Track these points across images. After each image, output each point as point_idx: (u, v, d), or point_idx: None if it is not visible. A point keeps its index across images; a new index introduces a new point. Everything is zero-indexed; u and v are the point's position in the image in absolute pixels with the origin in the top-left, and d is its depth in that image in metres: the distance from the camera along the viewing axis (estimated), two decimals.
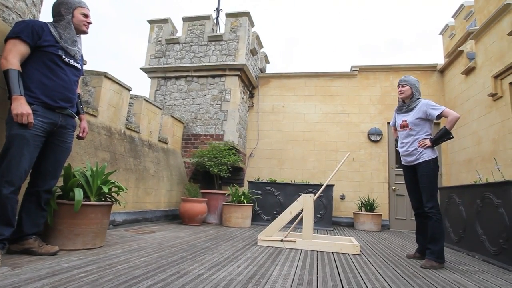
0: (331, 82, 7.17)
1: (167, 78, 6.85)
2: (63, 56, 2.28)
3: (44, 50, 2.18)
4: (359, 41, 33.45)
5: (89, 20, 2.44)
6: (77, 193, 2.37)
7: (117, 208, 3.68)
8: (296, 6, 35.27)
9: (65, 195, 2.50)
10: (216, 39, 6.65)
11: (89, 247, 2.50)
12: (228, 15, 6.70)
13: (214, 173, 5.54)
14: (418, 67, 6.79)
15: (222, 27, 6.99)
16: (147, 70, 6.95)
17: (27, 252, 2.17)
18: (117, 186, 2.80)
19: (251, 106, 7.36)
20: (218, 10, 7.80)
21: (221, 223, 5.36)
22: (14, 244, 2.17)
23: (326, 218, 5.61)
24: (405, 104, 3.10)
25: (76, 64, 2.40)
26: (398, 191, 6.39)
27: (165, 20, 7.10)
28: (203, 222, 5.28)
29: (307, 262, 2.57)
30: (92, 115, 3.79)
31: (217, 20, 7.63)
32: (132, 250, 2.57)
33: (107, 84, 4.05)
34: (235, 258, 2.56)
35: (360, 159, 6.66)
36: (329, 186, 5.65)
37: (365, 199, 6.14)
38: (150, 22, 7.20)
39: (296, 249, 3.21)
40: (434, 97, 6.60)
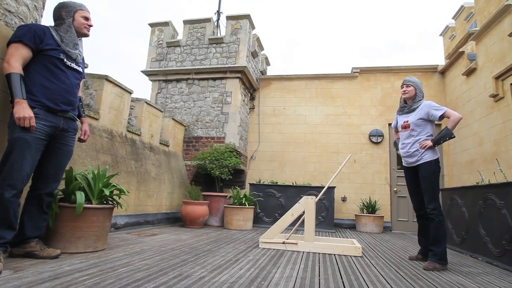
0: (332, 84, 7.18)
1: (168, 81, 6.87)
2: (65, 60, 2.29)
3: (46, 53, 2.19)
4: (360, 42, 33.52)
5: (90, 22, 2.45)
6: (78, 196, 2.38)
7: (118, 211, 3.68)
8: (296, 8, 35.40)
9: (66, 198, 2.50)
10: (216, 41, 6.67)
11: (90, 250, 2.49)
12: (229, 18, 6.73)
13: (215, 175, 5.54)
14: (419, 68, 6.79)
15: (223, 30, 7.02)
16: (148, 73, 6.97)
17: (29, 255, 2.17)
18: (118, 189, 2.80)
19: (252, 108, 7.37)
20: (218, 13, 7.83)
21: (222, 225, 5.35)
22: (16, 248, 2.18)
23: (328, 220, 5.60)
24: (407, 105, 3.08)
25: (78, 67, 2.41)
26: (400, 193, 6.37)
27: (166, 23, 7.13)
28: (205, 225, 5.27)
29: (309, 265, 2.56)
30: (94, 118, 3.81)
31: (217, 23, 7.65)
32: (133, 253, 2.57)
33: (108, 87, 4.07)
34: (237, 260, 2.55)
35: (362, 161, 6.65)
36: (330, 188, 5.64)
37: (366, 201, 6.12)
38: (151, 25, 7.23)
39: (298, 251, 3.20)
40: (435, 98, 6.59)
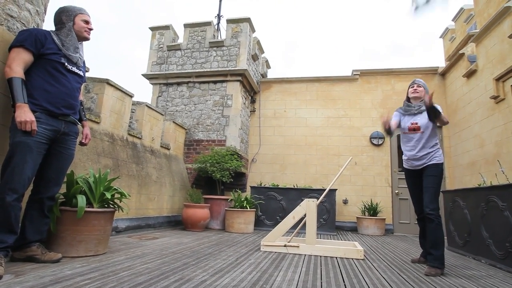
0: (332, 86, 7.18)
1: (169, 84, 6.89)
2: (66, 64, 2.30)
3: (47, 58, 2.21)
4: (360, 45, 33.59)
5: (90, 26, 2.47)
6: (80, 200, 2.38)
7: (119, 214, 3.68)
8: (296, 10, 35.55)
9: (68, 202, 2.50)
10: (217, 45, 6.70)
11: (92, 254, 2.49)
12: (229, 21, 6.76)
13: (216, 178, 5.54)
14: (419, 70, 6.79)
15: (223, 33, 7.05)
16: (149, 77, 7.00)
17: (30, 259, 2.17)
18: (119, 193, 2.80)
19: (252, 111, 7.38)
20: (219, 16, 7.87)
21: (223, 228, 5.34)
22: (17, 252, 2.18)
23: (329, 222, 5.58)
24: (413, 106, 2.99)
25: (79, 71, 2.43)
26: (402, 195, 6.35)
27: (166, 27, 7.16)
28: (206, 228, 5.26)
29: (311, 268, 2.55)
30: (95, 121, 3.82)
31: (218, 26, 7.69)
32: (135, 257, 2.56)
33: (109, 90, 4.08)
34: (239, 264, 2.54)
35: (363, 163, 6.64)
36: (332, 191, 5.63)
37: (368, 203, 6.10)
38: (152, 29, 7.27)
39: (299, 254, 3.19)
40: (435, 100, 6.58)
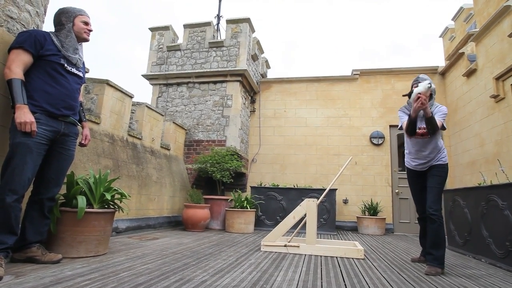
0: (332, 86, 7.18)
1: (168, 85, 6.89)
2: (65, 65, 2.30)
3: (47, 59, 2.21)
4: (360, 44, 33.59)
5: (89, 27, 2.46)
6: (80, 200, 2.38)
7: (120, 215, 3.68)
8: (296, 10, 35.53)
9: (68, 203, 2.50)
10: (217, 45, 6.70)
11: (92, 255, 2.49)
12: (229, 22, 6.76)
13: (216, 178, 5.54)
14: (419, 69, 6.78)
15: (223, 34, 7.05)
16: (149, 77, 7.00)
17: (30, 260, 2.17)
18: (120, 193, 2.80)
19: (252, 111, 7.38)
20: (218, 17, 7.87)
21: (224, 228, 5.34)
22: (18, 253, 2.18)
23: (330, 222, 5.58)
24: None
25: (78, 72, 2.43)
26: (402, 194, 6.35)
27: (166, 28, 7.17)
28: (206, 228, 5.26)
29: (311, 267, 2.55)
30: (95, 122, 3.82)
31: (217, 27, 7.69)
32: (135, 257, 2.56)
33: (109, 91, 4.09)
34: (239, 264, 2.54)
35: (363, 163, 6.64)
36: (332, 190, 5.63)
37: (368, 203, 6.10)
38: (152, 29, 7.27)
39: (300, 254, 3.19)
40: (436, 99, 6.58)
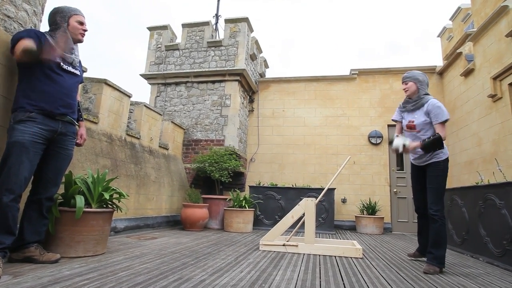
0: (330, 86, 7.19)
1: (167, 84, 6.88)
2: (61, 63, 2.29)
3: None
4: (358, 44, 33.64)
5: (84, 27, 2.44)
6: (78, 200, 2.37)
7: (118, 214, 3.67)
8: (294, 9, 35.54)
9: (66, 203, 2.49)
10: (215, 44, 6.69)
11: (90, 254, 2.49)
12: (227, 21, 6.75)
13: (215, 178, 5.54)
14: (417, 69, 6.79)
15: (222, 33, 7.05)
16: (147, 77, 6.98)
17: (28, 260, 2.16)
18: (118, 193, 2.80)
19: (251, 111, 7.38)
20: (217, 16, 7.86)
21: (222, 228, 5.34)
22: (15, 253, 2.17)
23: (328, 221, 5.59)
24: (411, 101, 2.87)
25: (75, 71, 2.41)
26: (400, 194, 6.37)
27: (164, 27, 7.15)
28: (205, 228, 5.26)
29: (310, 267, 2.56)
30: (93, 122, 3.81)
31: (216, 26, 7.68)
32: (133, 257, 2.56)
33: (107, 91, 4.07)
34: (238, 263, 2.54)
35: (361, 162, 6.65)
36: (330, 190, 5.64)
37: (366, 202, 6.12)
38: (150, 29, 7.25)
39: (298, 253, 3.19)
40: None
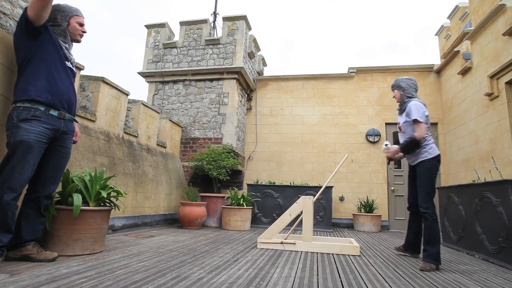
0: (328, 84, 7.20)
1: (165, 82, 6.86)
2: (65, 60, 2.32)
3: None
4: (356, 42, 33.63)
5: (84, 29, 2.45)
6: (75, 198, 2.37)
7: (116, 212, 3.67)
8: (292, 7, 35.46)
9: (63, 201, 2.49)
10: (213, 42, 6.67)
11: (88, 253, 2.48)
12: (225, 19, 6.73)
13: (213, 176, 5.53)
14: (414, 67, 6.83)
15: (220, 31, 7.03)
16: (144, 75, 6.96)
17: (25, 258, 2.15)
18: (115, 191, 2.79)
19: (249, 109, 7.37)
20: (215, 14, 7.83)
21: (220, 226, 5.34)
22: (12, 251, 2.16)
23: (326, 219, 5.61)
24: (399, 105, 3.13)
25: (74, 68, 2.45)
26: (397, 192, 6.40)
27: (162, 25, 7.12)
28: (203, 226, 5.26)
29: (308, 264, 2.57)
30: (90, 120, 3.79)
31: (214, 24, 7.66)
32: (131, 255, 2.56)
33: (105, 89, 4.06)
34: (235, 261, 2.55)
35: (359, 160, 6.67)
36: (328, 188, 5.65)
37: (364, 200, 6.14)
38: (147, 26, 7.22)
39: (296, 251, 3.21)
40: (431, 97, 6.63)
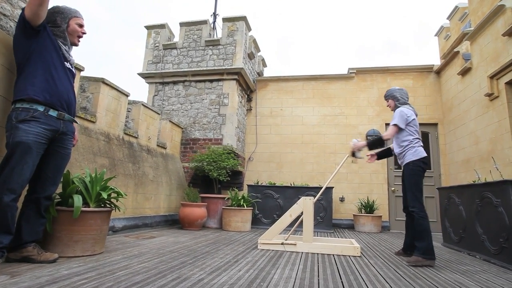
0: (328, 85, 7.20)
1: (165, 83, 6.86)
2: (64, 61, 2.32)
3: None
4: (356, 42, 33.65)
5: (83, 30, 2.44)
6: (76, 199, 2.36)
7: (116, 214, 3.67)
8: (292, 8, 35.49)
9: (64, 202, 2.49)
10: (213, 43, 6.68)
11: (88, 254, 2.48)
12: (225, 20, 6.74)
13: (213, 177, 5.53)
14: (414, 68, 6.83)
15: (219, 32, 7.03)
16: (144, 76, 6.96)
17: (26, 260, 2.15)
18: (116, 192, 2.79)
19: (249, 109, 7.38)
20: (215, 15, 7.84)
21: (221, 227, 5.34)
22: (13, 252, 2.16)
23: (326, 220, 5.60)
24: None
25: (73, 70, 2.44)
26: (398, 192, 6.39)
27: (162, 26, 7.13)
28: (203, 227, 5.26)
29: (308, 265, 2.57)
30: (91, 121, 3.79)
31: (214, 25, 7.66)
32: (132, 256, 2.56)
33: (105, 90, 4.06)
34: (236, 262, 2.55)
35: (359, 161, 6.66)
36: (328, 189, 5.65)
37: (364, 201, 6.14)
38: (147, 27, 7.22)
39: (296, 252, 3.20)
40: (431, 98, 6.64)
